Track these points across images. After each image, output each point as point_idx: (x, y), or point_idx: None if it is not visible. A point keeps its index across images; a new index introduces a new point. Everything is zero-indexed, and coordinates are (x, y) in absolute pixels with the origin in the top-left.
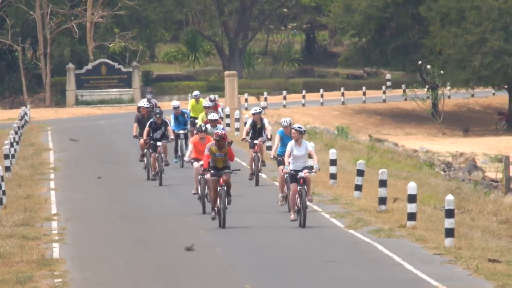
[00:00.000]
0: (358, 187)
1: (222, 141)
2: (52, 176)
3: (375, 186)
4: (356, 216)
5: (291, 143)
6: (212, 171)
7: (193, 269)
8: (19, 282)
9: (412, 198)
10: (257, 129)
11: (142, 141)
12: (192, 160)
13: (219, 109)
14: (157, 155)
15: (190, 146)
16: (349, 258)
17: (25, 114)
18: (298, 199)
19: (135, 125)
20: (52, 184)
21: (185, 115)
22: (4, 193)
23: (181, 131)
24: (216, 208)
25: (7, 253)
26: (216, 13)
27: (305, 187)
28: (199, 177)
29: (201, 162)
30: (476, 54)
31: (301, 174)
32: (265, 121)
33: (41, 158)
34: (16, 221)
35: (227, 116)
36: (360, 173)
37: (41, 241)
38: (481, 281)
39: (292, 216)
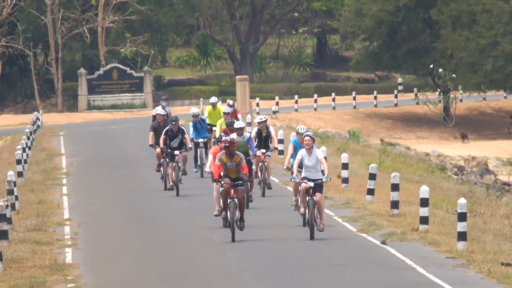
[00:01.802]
0: (370, 191)
1: (231, 147)
2: (64, 181)
3: (387, 190)
4: (369, 220)
5: (302, 152)
6: (222, 182)
7: (204, 273)
8: (32, 287)
9: (424, 202)
10: (262, 138)
11: (158, 150)
12: (212, 172)
13: (239, 116)
14: (174, 164)
15: (210, 157)
16: (361, 262)
17: (37, 119)
18: (307, 210)
19: (151, 133)
20: (65, 189)
21: (204, 122)
22: (16, 198)
23: (201, 140)
24: (226, 218)
25: (20, 258)
26: (227, 17)
27: (314, 198)
28: (221, 189)
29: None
30: (487, 57)
31: (310, 184)
32: (271, 129)
33: (53, 163)
34: (29, 226)
35: None
36: (372, 177)
37: (54, 246)
38: (493, 285)
39: (302, 210)
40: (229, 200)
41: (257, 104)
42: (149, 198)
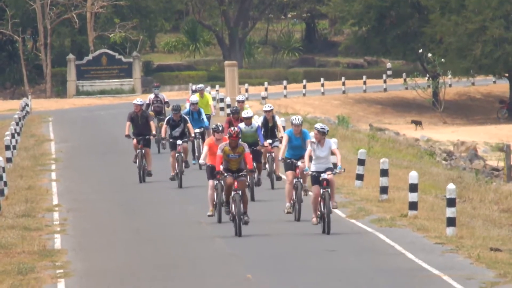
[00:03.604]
0: (359, 177)
1: (231, 139)
2: (53, 167)
3: (376, 176)
4: (358, 205)
5: (313, 143)
6: (225, 174)
7: (194, 259)
8: (20, 273)
9: (413, 187)
10: (269, 127)
11: (135, 141)
12: (208, 164)
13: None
14: (176, 154)
15: (205, 148)
16: (350, 247)
17: (26, 105)
18: (322, 203)
19: (128, 123)
20: (54, 175)
21: (202, 112)
22: (5, 184)
23: (197, 130)
24: (231, 213)
25: (8, 244)
26: (216, 2)
27: (329, 190)
28: (216, 182)
29: (223, 168)
30: (476, 42)
31: (324, 175)
32: (277, 118)
33: (42, 149)
34: (18, 212)
35: (228, 106)
36: (361, 162)
37: (43, 232)
38: (482, 270)
39: (314, 220)
40: (233, 193)
41: (246, 90)
42: (139, 185)
